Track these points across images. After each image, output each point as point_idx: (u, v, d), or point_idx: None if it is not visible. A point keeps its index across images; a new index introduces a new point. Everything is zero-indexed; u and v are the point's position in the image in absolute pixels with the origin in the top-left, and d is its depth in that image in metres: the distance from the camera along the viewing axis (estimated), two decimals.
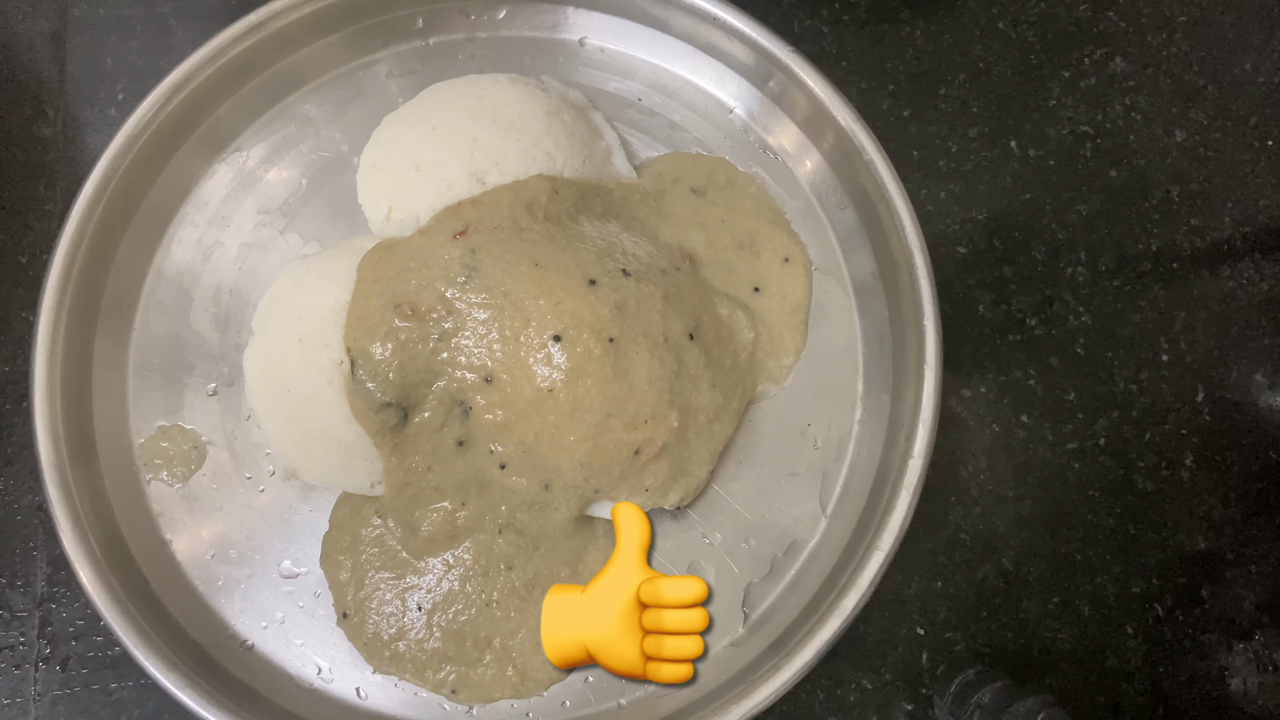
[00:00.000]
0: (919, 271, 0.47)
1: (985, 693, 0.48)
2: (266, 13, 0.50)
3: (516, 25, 0.55)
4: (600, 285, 0.44)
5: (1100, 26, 0.60)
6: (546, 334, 0.43)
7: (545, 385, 0.43)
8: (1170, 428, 0.54)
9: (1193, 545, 0.53)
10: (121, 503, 0.47)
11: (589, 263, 0.45)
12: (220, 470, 0.48)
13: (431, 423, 0.45)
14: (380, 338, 0.44)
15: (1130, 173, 0.58)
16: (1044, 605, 0.51)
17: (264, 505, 0.48)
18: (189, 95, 0.49)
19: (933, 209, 0.56)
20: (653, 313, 0.45)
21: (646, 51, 0.55)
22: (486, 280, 0.44)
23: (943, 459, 0.53)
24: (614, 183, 0.50)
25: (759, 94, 0.53)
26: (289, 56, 0.52)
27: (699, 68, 0.54)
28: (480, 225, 0.45)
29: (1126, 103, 0.59)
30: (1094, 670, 0.51)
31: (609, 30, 0.55)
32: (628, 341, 0.44)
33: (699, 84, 0.54)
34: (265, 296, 0.49)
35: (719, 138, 0.54)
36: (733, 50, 0.52)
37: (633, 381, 0.44)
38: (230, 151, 0.52)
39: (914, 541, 0.52)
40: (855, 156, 0.49)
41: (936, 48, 0.59)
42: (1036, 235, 0.56)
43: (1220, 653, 0.52)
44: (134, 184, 0.49)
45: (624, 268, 0.45)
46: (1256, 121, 0.59)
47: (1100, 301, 0.56)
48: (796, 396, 0.50)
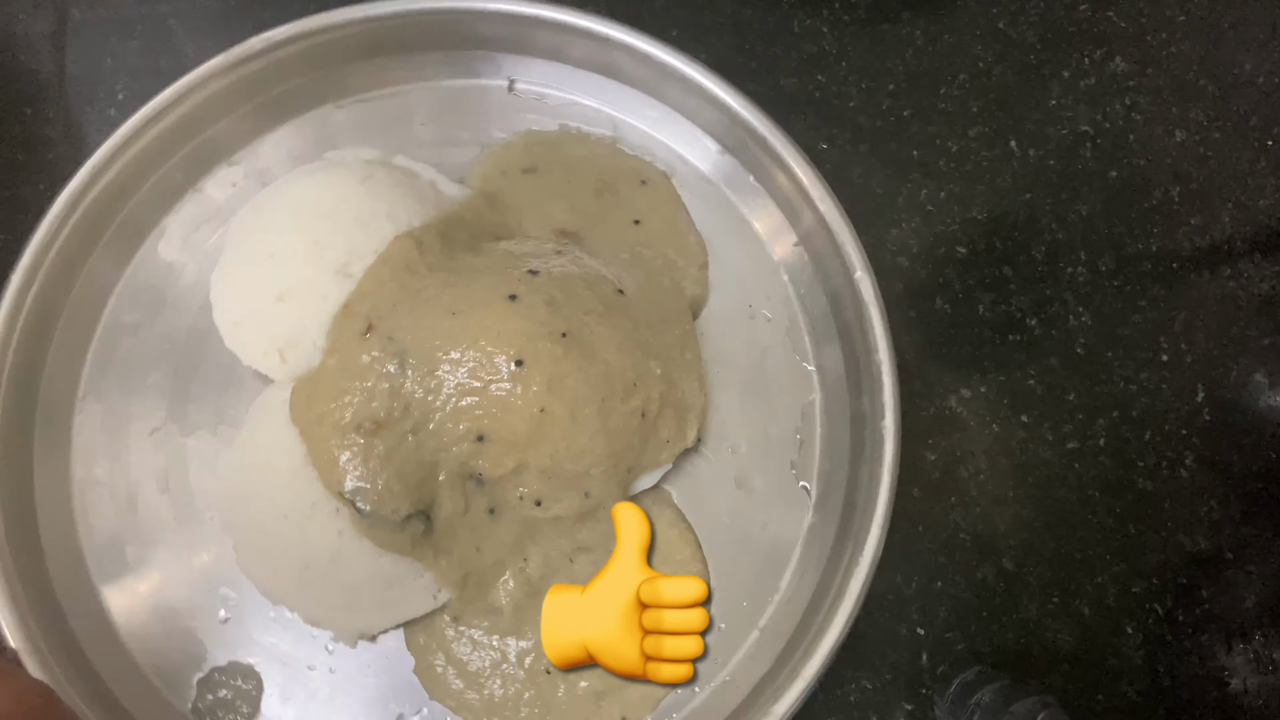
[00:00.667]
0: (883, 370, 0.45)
1: (985, 693, 0.48)
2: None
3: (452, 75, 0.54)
4: (521, 296, 0.43)
5: (1100, 26, 0.60)
6: (507, 366, 0.42)
7: (535, 409, 0.42)
8: (1170, 428, 0.54)
9: (1193, 545, 0.53)
10: None
11: (497, 284, 0.44)
12: (287, 679, 0.45)
13: (455, 509, 0.44)
14: (359, 467, 0.42)
15: (1130, 173, 0.58)
16: (1044, 605, 0.51)
17: (344, 677, 0.45)
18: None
19: (933, 209, 0.56)
20: (580, 290, 0.44)
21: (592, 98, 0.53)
22: (419, 355, 0.42)
23: (943, 459, 0.53)
24: (457, 206, 0.49)
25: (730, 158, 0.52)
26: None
27: (660, 121, 0.53)
28: (379, 311, 0.43)
29: (1126, 103, 0.59)
30: (1094, 670, 0.51)
31: (541, 72, 0.53)
32: (578, 327, 0.43)
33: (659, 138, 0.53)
34: (221, 506, 0.46)
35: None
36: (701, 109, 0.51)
37: (604, 358, 0.43)
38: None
39: (914, 541, 0.52)
40: (830, 257, 0.48)
41: (936, 48, 0.59)
42: (1036, 235, 0.56)
43: (1220, 653, 0.52)
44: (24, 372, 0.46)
45: (529, 269, 0.44)
46: (1256, 121, 0.59)
47: (1100, 301, 0.56)
48: (749, 500, 0.48)
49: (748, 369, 0.50)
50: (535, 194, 0.51)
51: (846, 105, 0.58)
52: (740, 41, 0.58)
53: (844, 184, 0.56)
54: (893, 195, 0.56)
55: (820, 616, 0.43)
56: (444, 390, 0.42)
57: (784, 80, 0.58)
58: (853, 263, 0.46)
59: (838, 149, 0.57)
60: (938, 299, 0.55)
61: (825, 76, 0.58)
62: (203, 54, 0.57)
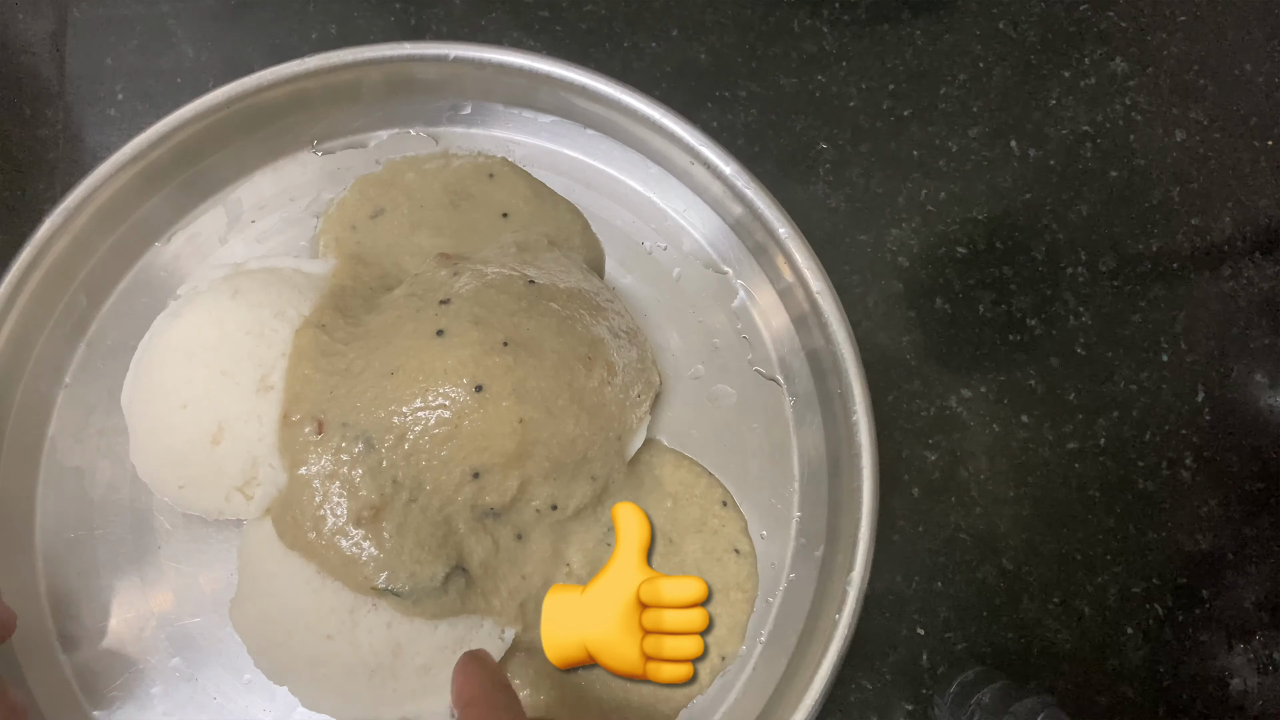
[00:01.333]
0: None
1: (985, 693, 0.48)
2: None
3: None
4: (447, 328, 0.42)
5: (1100, 26, 0.60)
6: (468, 395, 0.41)
7: (514, 423, 0.41)
8: (1170, 428, 0.54)
9: (1193, 545, 0.53)
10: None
11: (417, 328, 0.43)
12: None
13: (487, 551, 0.43)
14: (379, 555, 0.40)
15: (1130, 173, 0.58)
16: (1044, 605, 0.51)
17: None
18: None
19: (933, 209, 0.56)
20: (496, 298, 0.43)
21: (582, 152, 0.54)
22: (381, 428, 0.41)
23: (943, 459, 0.53)
24: (331, 278, 0.47)
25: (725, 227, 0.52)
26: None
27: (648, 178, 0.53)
28: (319, 407, 0.42)
29: (1126, 103, 0.59)
30: (1094, 670, 0.51)
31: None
32: (513, 332, 0.42)
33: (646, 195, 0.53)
34: (261, 665, 0.43)
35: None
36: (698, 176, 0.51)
37: (551, 347, 0.43)
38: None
39: (914, 541, 0.52)
40: (825, 356, 0.48)
41: (936, 48, 0.59)
42: (1036, 235, 0.56)
43: (1220, 653, 0.52)
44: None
45: (439, 300, 0.43)
46: (1256, 121, 0.59)
47: (1100, 301, 0.56)
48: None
49: (669, 297, 0.52)
50: (396, 233, 0.49)
51: (846, 105, 0.58)
52: (740, 41, 0.58)
53: (844, 184, 0.56)
54: (893, 195, 0.56)
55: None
56: (421, 448, 0.41)
57: (784, 80, 0.58)
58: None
59: (838, 149, 0.57)
60: (938, 299, 0.55)
61: (825, 76, 0.58)
62: (203, 54, 0.57)
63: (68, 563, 0.47)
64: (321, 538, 0.41)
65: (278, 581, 0.42)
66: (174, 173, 0.50)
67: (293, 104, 0.50)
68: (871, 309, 0.55)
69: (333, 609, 0.41)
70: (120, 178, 0.47)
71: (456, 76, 0.50)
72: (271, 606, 0.42)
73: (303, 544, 0.41)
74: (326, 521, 0.41)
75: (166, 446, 0.43)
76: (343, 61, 0.48)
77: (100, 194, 0.47)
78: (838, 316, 0.47)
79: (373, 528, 0.40)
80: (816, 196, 0.56)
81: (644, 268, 0.52)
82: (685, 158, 0.49)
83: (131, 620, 0.46)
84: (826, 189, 0.56)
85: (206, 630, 0.46)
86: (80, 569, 0.47)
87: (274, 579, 0.42)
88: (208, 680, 0.46)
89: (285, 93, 0.49)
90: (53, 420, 0.49)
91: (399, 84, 0.51)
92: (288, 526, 0.41)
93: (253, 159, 0.52)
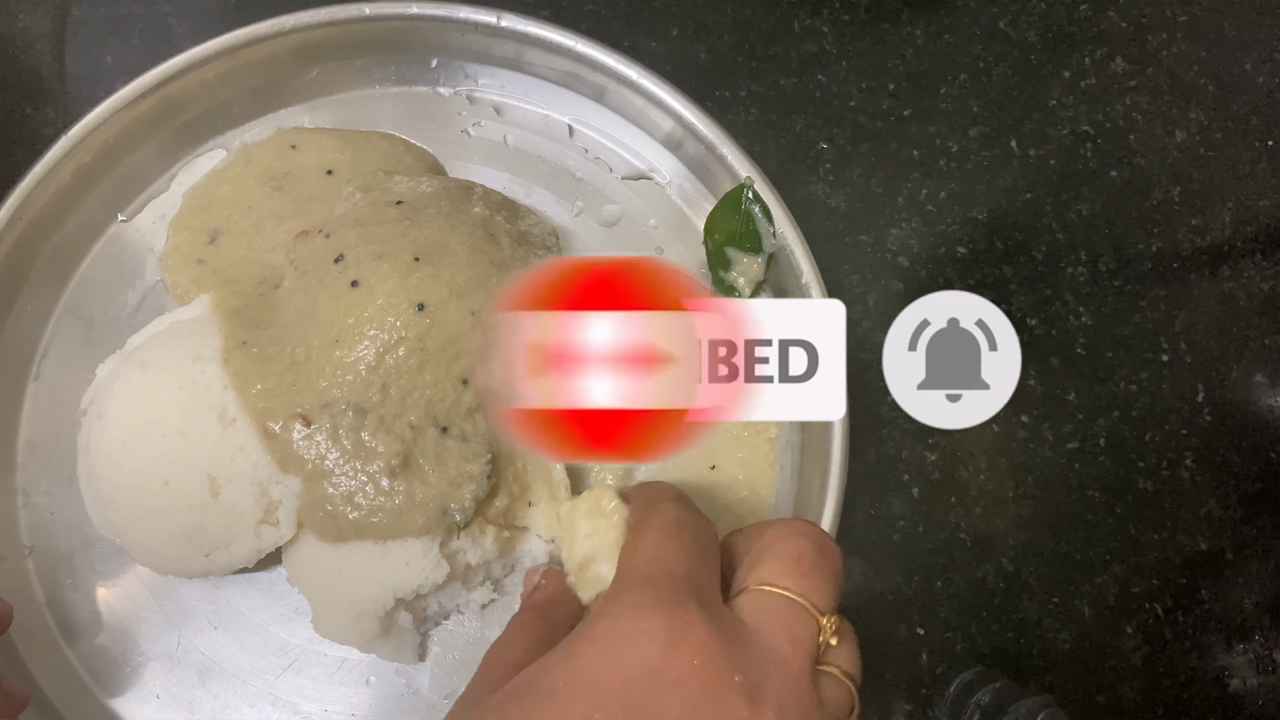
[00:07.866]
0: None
1: (985, 693, 0.48)
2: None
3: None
4: (358, 278, 0.42)
5: (1100, 26, 0.60)
6: (418, 320, 0.41)
7: (467, 319, 0.42)
8: (1170, 428, 0.54)
9: (1193, 545, 0.53)
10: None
11: (333, 294, 0.42)
12: None
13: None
14: (432, 490, 0.41)
15: (1130, 173, 0.58)
16: (1044, 605, 0.51)
17: None
18: None
19: (933, 209, 0.56)
20: (381, 232, 0.44)
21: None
22: (357, 393, 0.41)
23: (943, 459, 0.53)
24: (217, 310, 0.46)
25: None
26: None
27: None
28: (293, 406, 0.42)
29: (1126, 103, 0.59)
30: (1094, 670, 0.51)
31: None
32: (410, 245, 0.43)
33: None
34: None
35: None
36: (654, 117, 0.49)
37: (454, 240, 0.43)
38: None
39: (914, 541, 0.52)
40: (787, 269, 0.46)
41: (936, 48, 0.59)
42: (1036, 235, 0.56)
43: (1220, 653, 0.52)
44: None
45: (332, 260, 0.43)
46: (1256, 121, 0.59)
47: (1100, 301, 0.56)
48: None
49: (548, 170, 0.51)
50: (245, 243, 0.49)
51: (846, 105, 0.58)
52: (740, 41, 0.58)
53: (844, 184, 0.56)
54: (893, 195, 0.56)
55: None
56: (410, 389, 0.42)
57: (784, 80, 0.58)
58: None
59: (838, 149, 0.57)
60: None
61: (825, 76, 0.58)
62: None
63: (58, 548, 0.47)
64: (363, 510, 0.41)
65: (346, 577, 0.41)
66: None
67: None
68: (871, 309, 0.55)
69: (408, 563, 0.41)
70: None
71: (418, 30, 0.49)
72: (358, 601, 0.41)
73: (347, 528, 0.41)
74: (359, 494, 0.41)
75: (173, 531, 0.42)
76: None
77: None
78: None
79: (407, 473, 0.41)
80: (817, 196, 0.56)
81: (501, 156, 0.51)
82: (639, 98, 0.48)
83: (130, 605, 0.46)
84: (827, 189, 0.56)
85: (203, 593, 0.46)
86: (71, 554, 0.47)
87: (341, 577, 0.42)
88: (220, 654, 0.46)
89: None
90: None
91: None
92: (325, 522, 0.41)
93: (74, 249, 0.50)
